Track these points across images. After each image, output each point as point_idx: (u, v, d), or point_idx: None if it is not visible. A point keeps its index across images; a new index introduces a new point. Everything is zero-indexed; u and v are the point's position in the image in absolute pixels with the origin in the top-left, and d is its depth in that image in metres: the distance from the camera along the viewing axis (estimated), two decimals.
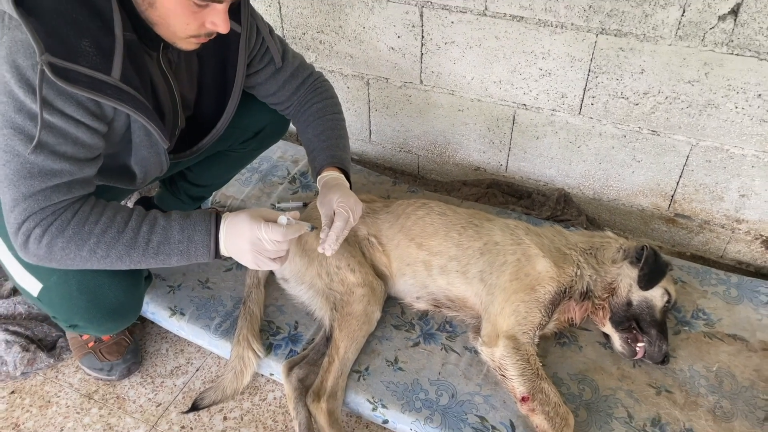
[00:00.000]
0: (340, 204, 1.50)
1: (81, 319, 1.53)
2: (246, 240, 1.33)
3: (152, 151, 1.44)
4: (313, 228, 1.43)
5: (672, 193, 2.17)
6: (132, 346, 1.87)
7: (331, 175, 1.61)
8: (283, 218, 1.38)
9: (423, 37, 2.22)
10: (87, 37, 1.18)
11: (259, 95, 1.75)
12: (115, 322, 1.60)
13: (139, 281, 1.63)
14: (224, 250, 1.37)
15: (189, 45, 1.34)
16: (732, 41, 1.77)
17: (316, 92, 1.76)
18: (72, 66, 1.15)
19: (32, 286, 1.50)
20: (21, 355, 1.84)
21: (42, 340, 1.92)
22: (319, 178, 1.63)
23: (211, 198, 2.39)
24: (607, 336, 1.82)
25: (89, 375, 1.86)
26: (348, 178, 1.65)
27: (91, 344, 1.84)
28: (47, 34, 1.13)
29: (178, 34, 1.29)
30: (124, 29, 1.24)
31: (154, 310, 1.95)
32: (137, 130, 1.37)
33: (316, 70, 1.80)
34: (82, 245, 1.27)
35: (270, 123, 1.91)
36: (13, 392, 1.84)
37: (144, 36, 1.31)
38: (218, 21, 1.27)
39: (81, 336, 1.85)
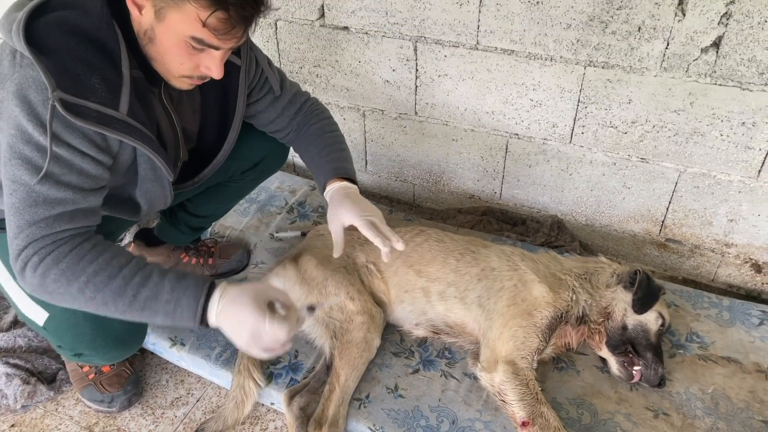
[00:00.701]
0: (363, 216, 1.49)
1: (87, 347, 1.55)
2: (246, 329, 1.25)
3: (157, 184, 1.48)
4: (311, 309, 1.37)
5: (662, 218, 2.23)
6: (132, 377, 1.88)
7: (336, 186, 1.60)
8: (281, 311, 1.31)
9: (417, 70, 2.29)
10: (96, 75, 1.23)
11: (258, 124, 1.79)
12: (120, 351, 1.62)
13: None
14: (215, 323, 1.28)
15: (182, 84, 1.38)
16: (715, 72, 1.84)
17: (313, 114, 1.79)
18: (82, 102, 1.21)
19: (38, 315, 1.52)
20: (21, 388, 1.84)
21: (42, 372, 1.92)
22: (325, 192, 1.63)
23: (210, 228, 2.42)
24: (604, 360, 1.84)
25: (90, 407, 1.86)
26: (355, 184, 1.64)
27: (91, 376, 1.84)
28: (59, 72, 1.19)
29: (172, 72, 1.34)
30: (131, 67, 1.30)
31: (154, 340, 1.96)
32: (143, 163, 1.41)
33: (312, 96, 1.84)
34: (72, 281, 1.24)
35: (269, 154, 1.95)
36: (13, 425, 1.83)
37: (147, 72, 1.37)
38: (213, 66, 1.31)
39: (81, 368, 1.85)
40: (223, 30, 1.22)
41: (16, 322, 2.05)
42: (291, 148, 1.88)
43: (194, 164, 1.73)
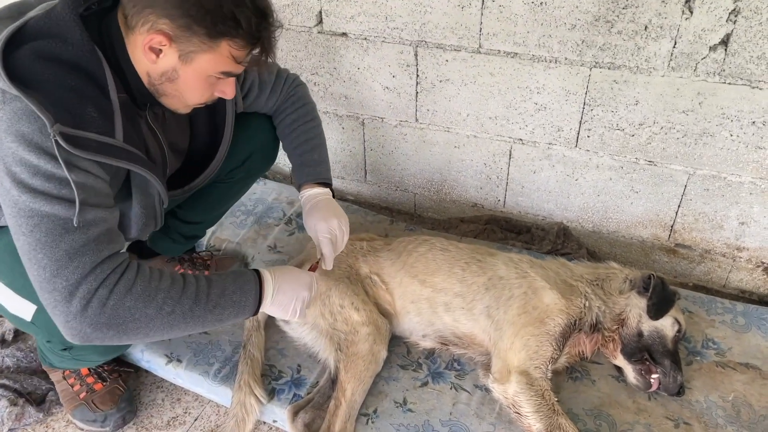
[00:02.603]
0: (320, 233, 1.66)
1: None
2: (306, 285, 1.50)
3: (148, 207, 1.45)
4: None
5: (671, 223, 2.18)
6: (126, 395, 1.78)
7: (307, 193, 1.75)
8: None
9: (418, 75, 2.24)
10: (89, 104, 1.21)
11: (250, 110, 1.81)
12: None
13: None
14: (270, 297, 1.43)
15: (188, 110, 1.44)
16: (724, 70, 1.81)
17: (290, 100, 1.83)
18: (81, 133, 1.18)
19: (25, 310, 1.45)
20: (8, 410, 1.74)
21: (31, 393, 1.82)
22: (299, 196, 1.79)
23: (205, 242, 2.35)
24: (619, 369, 1.78)
25: (81, 428, 1.76)
26: (329, 186, 1.79)
27: (82, 395, 1.75)
28: (53, 104, 1.15)
29: (189, 103, 1.39)
30: (118, 92, 1.29)
31: (149, 357, 1.87)
32: (136, 186, 1.40)
33: (291, 73, 1.85)
34: (149, 302, 1.23)
35: (257, 150, 1.89)
36: None
37: (133, 97, 1.36)
38: (229, 90, 1.38)
39: (72, 387, 1.76)
40: (254, 60, 1.32)
41: (3, 342, 1.96)
42: (280, 146, 1.92)
43: (184, 172, 1.71)
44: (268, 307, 1.45)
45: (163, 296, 1.25)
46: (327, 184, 1.78)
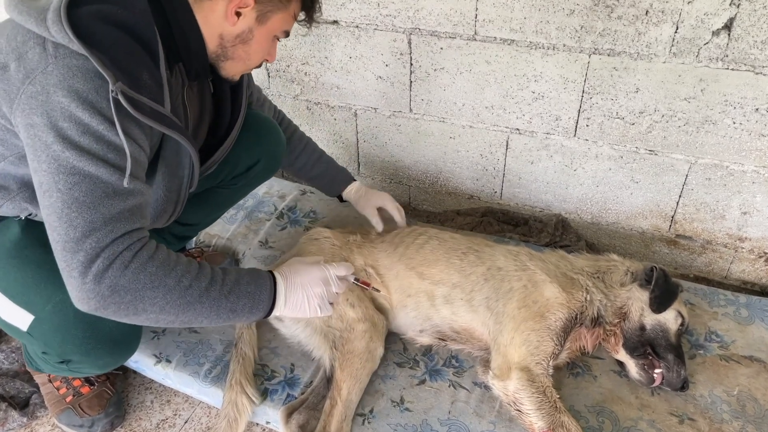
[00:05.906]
0: (390, 206, 2.03)
1: (77, 351, 1.42)
2: (318, 282, 1.43)
3: (172, 190, 1.45)
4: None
5: (672, 213, 2.13)
6: (114, 399, 1.73)
7: (356, 185, 2.08)
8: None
9: (412, 64, 2.18)
10: (145, 70, 1.21)
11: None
12: (113, 355, 1.50)
13: None
14: (283, 299, 1.38)
15: (238, 75, 1.49)
16: (727, 56, 1.76)
17: (285, 120, 2.04)
18: (138, 96, 1.17)
19: (21, 319, 1.39)
20: None
21: (14, 397, 1.76)
22: (347, 191, 2.08)
23: (195, 238, 2.28)
24: (621, 364, 1.74)
25: None
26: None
27: (69, 399, 1.69)
28: (114, 64, 1.14)
29: (252, 65, 1.45)
30: (166, 66, 1.28)
31: (137, 358, 1.81)
32: (165, 165, 1.39)
33: None
34: (169, 272, 1.20)
35: (262, 158, 1.88)
36: None
37: (187, 69, 1.38)
38: (274, 52, 1.48)
39: (58, 390, 1.70)
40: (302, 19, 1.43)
41: None
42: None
43: None
44: (284, 309, 1.40)
45: (182, 269, 1.23)
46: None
